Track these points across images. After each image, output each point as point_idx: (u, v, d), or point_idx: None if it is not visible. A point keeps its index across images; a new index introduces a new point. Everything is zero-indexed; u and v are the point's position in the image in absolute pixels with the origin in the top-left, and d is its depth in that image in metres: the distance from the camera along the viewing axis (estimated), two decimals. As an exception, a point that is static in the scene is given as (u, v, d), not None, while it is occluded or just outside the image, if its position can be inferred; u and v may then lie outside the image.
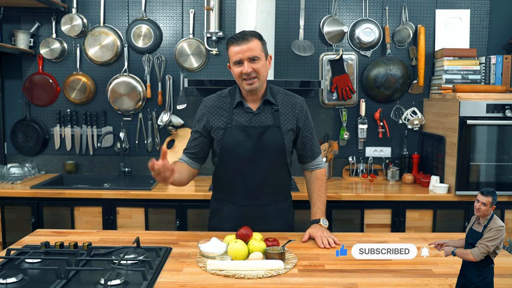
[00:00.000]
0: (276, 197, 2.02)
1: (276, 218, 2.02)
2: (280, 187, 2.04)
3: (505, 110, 2.75)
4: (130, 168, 3.31)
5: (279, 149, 1.94)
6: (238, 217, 1.98)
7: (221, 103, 1.98)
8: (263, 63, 1.87)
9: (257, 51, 1.84)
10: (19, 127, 3.32)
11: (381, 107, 3.32)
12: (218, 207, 2.06)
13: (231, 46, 1.85)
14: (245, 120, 1.93)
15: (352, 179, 3.29)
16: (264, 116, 1.94)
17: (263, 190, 1.97)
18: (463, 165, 2.80)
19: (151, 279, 1.45)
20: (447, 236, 1.98)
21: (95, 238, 1.89)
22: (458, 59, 3.08)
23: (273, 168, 1.96)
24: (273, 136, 1.92)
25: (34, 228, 2.73)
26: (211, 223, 2.11)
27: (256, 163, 1.93)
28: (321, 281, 1.48)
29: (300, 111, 1.99)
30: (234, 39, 1.85)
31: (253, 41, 1.83)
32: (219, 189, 2.06)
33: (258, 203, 1.98)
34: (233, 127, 1.92)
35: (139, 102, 3.29)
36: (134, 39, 3.25)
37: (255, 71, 1.84)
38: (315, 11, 3.30)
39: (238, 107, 1.95)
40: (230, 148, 1.93)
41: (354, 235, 1.98)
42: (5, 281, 1.39)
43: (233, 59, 1.85)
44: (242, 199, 1.98)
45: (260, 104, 1.95)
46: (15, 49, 3.12)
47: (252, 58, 1.83)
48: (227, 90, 2.02)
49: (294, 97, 2.01)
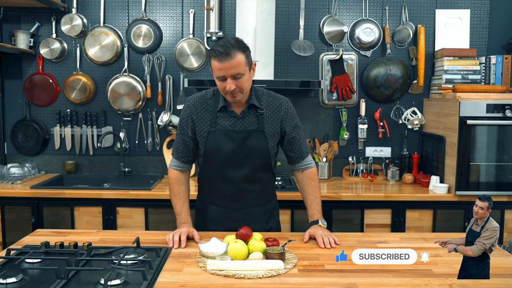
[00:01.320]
0: (260, 199, 2.01)
1: (260, 220, 2.01)
2: (265, 190, 2.03)
3: (505, 110, 2.75)
4: (130, 168, 3.31)
5: (263, 152, 1.93)
6: (222, 218, 1.99)
7: (205, 104, 1.95)
8: (247, 77, 1.81)
9: (241, 67, 1.76)
10: (19, 127, 3.32)
11: (381, 107, 3.32)
12: (203, 208, 2.06)
13: (213, 60, 1.76)
14: (229, 124, 1.91)
15: (352, 179, 3.29)
16: (248, 120, 1.92)
17: (247, 193, 1.97)
18: (463, 165, 2.80)
19: (151, 279, 1.45)
20: (447, 235, 1.98)
21: (95, 238, 1.89)
22: (458, 59, 3.08)
23: (257, 172, 1.95)
24: (257, 140, 1.91)
25: (34, 228, 2.73)
26: (196, 224, 2.08)
27: (239, 167, 1.92)
28: (321, 281, 1.48)
29: (285, 113, 1.97)
30: (216, 53, 1.74)
31: (237, 57, 1.74)
32: (203, 190, 2.06)
33: (242, 205, 1.98)
34: (217, 131, 1.91)
35: (139, 102, 3.29)
36: (134, 39, 3.25)
37: (238, 86, 1.80)
38: (315, 11, 3.30)
39: (222, 111, 1.92)
40: (213, 152, 1.92)
41: (354, 235, 1.98)
42: (5, 281, 1.39)
43: (216, 74, 1.79)
44: (226, 201, 1.98)
45: (244, 108, 1.92)
46: (15, 49, 3.12)
47: (235, 75, 1.77)
48: (211, 91, 1.98)
49: (278, 99, 1.99)
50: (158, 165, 3.36)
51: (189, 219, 1.96)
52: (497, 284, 1.46)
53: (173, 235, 1.82)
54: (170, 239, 1.81)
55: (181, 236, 1.81)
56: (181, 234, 1.82)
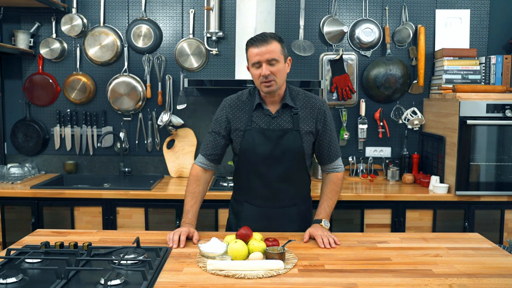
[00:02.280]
0: (295, 199, 2.02)
1: (294, 220, 2.02)
2: (299, 190, 2.03)
3: (505, 110, 2.75)
4: (130, 168, 3.31)
5: (297, 152, 1.93)
6: (257, 218, 1.98)
7: (241, 104, 1.97)
8: (281, 66, 1.85)
9: (276, 53, 1.82)
10: (19, 127, 3.32)
11: (381, 107, 3.32)
12: (238, 207, 2.06)
13: (250, 48, 1.83)
14: (264, 122, 1.93)
15: (352, 179, 3.29)
16: (283, 119, 1.93)
17: (281, 193, 1.97)
18: (463, 165, 2.80)
19: (151, 279, 1.45)
20: (447, 236, 1.98)
21: (95, 238, 1.89)
22: (458, 59, 3.08)
23: (291, 171, 1.95)
24: (292, 139, 1.92)
25: (34, 228, 2.74)
26: (229, 223, 2.11)
27: (275, 166, 1.93)
28: (321, 281, 1.48)
29: (319, 114, 1.97)
30: (253, 40, 1.82)
31: (273, 44, 1.81)
32: (239, 189, 2.07)
33: (277, 205, 1.98)
34: (253, 130, 1.92)
35: (139, 102, 3.29)
36: (134, 39, 3.25)
37: (273, 74, 1.82)
38: (315, 11, 3.30)
39: (258, 109, 1.94)
40: (249, 150, 1.93)
41: (354, 235, 1.98)
42: (5, 281, 1.39)
43: (252, 61, 1.83)
44: (260, 200, 1.98)
45: (279, 107, 1.94)
46: (15, 49, 3.12)
47: (271, 61, 1.81)
48: (247, 91, 2.01)
49: (314, 99, 2.00)
50: (158, 165, 3.36)
51: (194, 221, 1.95)
52: (497, 284, 1.46)
53: (173, 235, 1.82)
54: (170, 239, 1.82)
55: (180, 236, 1.81)
56: (181, 234, 1.82)
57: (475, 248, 1.81)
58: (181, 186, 2.97)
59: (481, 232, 2.33)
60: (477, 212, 2.84)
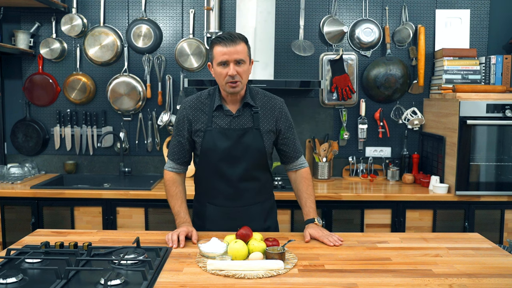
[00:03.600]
0: (257, 197, 2.02)
1: (258, 218, 2.03)
2: (262, 188, 2.04)
3: (505, 110, 2.75)
4: (130, 168, 3.31)
5: (259, 150, 1.94)
6: (220, 218, 1.99)
7: (201, 105, 1.97)
8: (247, 67, 1.87)
9: (244, 54, 1.83)
10: (19, 127, 3.32)
11: (381, 107, 3.32)
12: (201, 208, 2.07)
13: (217, 46, 1.82)
14: (225, 122, 1.93)
15: (352, 179, 3.29)
16: (243, 119, 1.94)
17: (244, 191, 1.98)
18: (463, 165, 2.80)
19: (151, 279, 1.45)
20: (447, 236, 1.98)
21: (95, 238, 1.89)
22: (458, 59, 3.08)
23: (253, 170, 1.96)
24: (253, 138, 1.93)
25: (34, 228, 2.74)
26: (194, 225, 2.07)
27: (236, 165, 1.94)
28: (321, 281, 1.48)
29: (280, 113, 1.99)
30: (221, 39, 1.82)
31: (241, 44, 1.82)
32: (201, 190, 2.07)
33: (239, 203, 1.99)
34: (213, 130, 1.92)
35: (139, 102, 3.29)
36: (134, 39, 3.25)
37: (239, 75, 1.83)
38: (315, 11, 3.30)
39: (218, 110, 1.94)
40: (210, 151, 1.93)
41: (354, 235, 1.98)
42: (5, 281, 1.39)
43: (218, 60, 1.83)
44: (223, 200, 1.99)
45: (239, 106, 1.95)
46: (15, 49, 3.12)
47: (239, 61, 1.82)
48: (206, 91, 2.01)
49: (273, 98, 2.02)
50: (158, 165, 3.36)
51: (188, 218, 1.96)
52: (497, 284, 1.46)
53: (172, 235, 1.82)
54: (169, 239, 1.82)
55: (179, 236, 1.81)
56: (179, 234, 1.82)
57: (475, 248, 1.81)
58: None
59: (481, 232, 2.33)
60: (477, 212, 2.84)
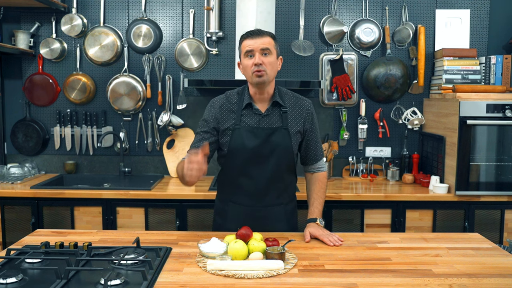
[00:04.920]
0: (281, 198, 2.02)
1: (280, 220, 2.02)
2: (286, 189, 2.03)
3: (505, 110, 2.75)
4: (130, 168, 3.31)
5: (286, 150, 1.94)
6: (243, 217, 1.98)
7: (230, 104, 1.97)
8: (273, 59, 1.88)
9: (270, 45, 1.86)
10: (19, 127, 3.32)
11: (381, 107, 3.32)
12: (223, 207, 2.06)
13: (244, 40, 1.87)
14: (254, 121, 1.93)
15: (352, 179, 3.29)
16: (272, 118, 1.94)
17: (268, 191, 1.97)
18: (463, 165, 2.80)
19: (151, 279, 1.45)
20: (447, 236, 1.98)
21: (95, 238, 1.89)
22: (458, 59, 3.08)
23: (279, 170, 1.96)
24: (281, 138, 1.93)
25: (34, 228, 2.74)
26: (215, 223, 2.11)
27: (263, 164, 1.93)
28: (321, 281, 1.48)
29: (307, 114, 2.00)
30: (248, 33, 1.87)
31: (267, 37, 1.86)
32: (225, 189, 2.07)
33: (263, 203, 1.98)
34: (242, 128, 1.92)
35: (139, 102, 3.29)
36: (134, 39, 3.25)
37: (264, 65, 1.84)
38: (315, 11, 3.30)
39: (247, 109, 1.95)
40: (238, 149, 1.92)
41: (354, 235, 1.98)
42: (5, 281, 1.39)
43: (245, 50, 1.86)
44: (247, 199, 1.98)
45: (268, 105, 1.95)
46: (15, 49, 3.12)
47: (264, 50, 1.84)
48: (235, 91, 2.01)
49: (302, 99, 2.02)
50: (158, 165, 3.36)
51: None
52: (497, 284, 1.46)
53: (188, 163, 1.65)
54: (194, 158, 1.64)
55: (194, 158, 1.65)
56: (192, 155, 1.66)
57: (475, 248, 1.81)
58: (181, 186, 2.97)
59: (481, 232, 2.33)
60: (477, 212, 2.84)
